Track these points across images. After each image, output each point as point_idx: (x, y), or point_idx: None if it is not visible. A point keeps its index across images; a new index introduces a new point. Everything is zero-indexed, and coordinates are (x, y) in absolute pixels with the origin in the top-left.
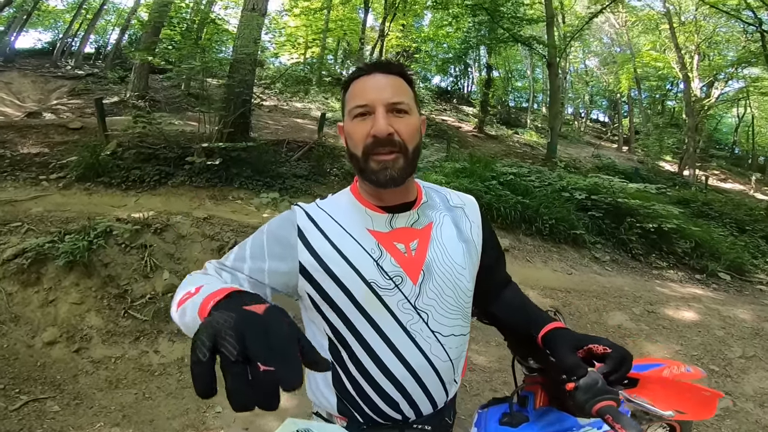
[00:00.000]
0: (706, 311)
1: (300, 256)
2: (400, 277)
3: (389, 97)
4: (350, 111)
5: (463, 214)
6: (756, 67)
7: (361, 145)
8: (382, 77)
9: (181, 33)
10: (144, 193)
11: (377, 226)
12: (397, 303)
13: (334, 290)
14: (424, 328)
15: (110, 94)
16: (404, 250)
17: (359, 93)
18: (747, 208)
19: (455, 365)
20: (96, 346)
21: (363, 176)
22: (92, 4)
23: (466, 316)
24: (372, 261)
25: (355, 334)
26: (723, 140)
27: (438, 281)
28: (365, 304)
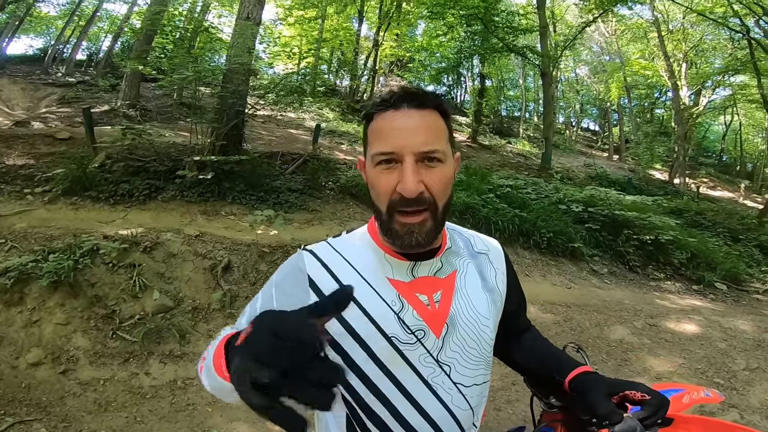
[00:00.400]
0: (707, 323)
1: None
2: (422, 331)
3: (421, 145)
4: (373, 157)
5: (487, 261)
6: (743, 75)
7: (386, 199)
8: (415, 114)
9: (174, 41)
10: (133, 208)
11: (398, 274)
12: (419, 357)
13: (350, 345)
14: (446, 381)
15: (101, 102)
16: (427, 302)
17: (385, 135)
18: (739, 217)
19: (475, 412)
20: (83, 368)
21: (385, 234)
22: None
23: (488, 364)
24: (393, 314)
25: (372, 388)
26: (711, 148)
27: (462, 334)
28: (385, 360)
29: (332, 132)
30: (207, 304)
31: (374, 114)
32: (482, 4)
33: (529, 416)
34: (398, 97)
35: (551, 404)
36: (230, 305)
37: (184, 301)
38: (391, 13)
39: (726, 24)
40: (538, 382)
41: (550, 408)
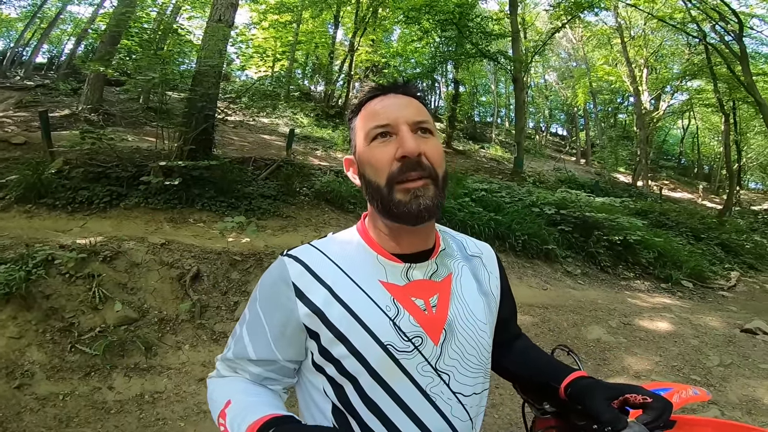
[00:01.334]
0: (678, 321)
1: (303, 319)
2: (420, 338)
3: (414, 116)
4: (368, 134)
5: (481, 264)
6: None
7: (386, 171)
8: (402, 97)
9: (140, 43)
10: (92, 216)
11: (392, 277)
12: (417, 366)
13: (342, 354)
14: (445, 390)
15: (61, 106)
16: (423, 307)
17: (378, 112)
18: (700, 217)
19: (474, 422)
20: (40, 383)
21: (387, 212)
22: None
23: (487, 372)
24: (388, 320)
25: (367, 401)
26: (671, 151)
27: (460, 340)
28: (380, 370)
29: (307, 138)
30: (175, 315)
31: (363, 105)
32: (457, 10)
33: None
34: (387, 87)
35: (544, 410)
36: (200, 315)
37: (149, 312)
38: (367, 18)
39: (684, 29)
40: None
41: (543, 414)
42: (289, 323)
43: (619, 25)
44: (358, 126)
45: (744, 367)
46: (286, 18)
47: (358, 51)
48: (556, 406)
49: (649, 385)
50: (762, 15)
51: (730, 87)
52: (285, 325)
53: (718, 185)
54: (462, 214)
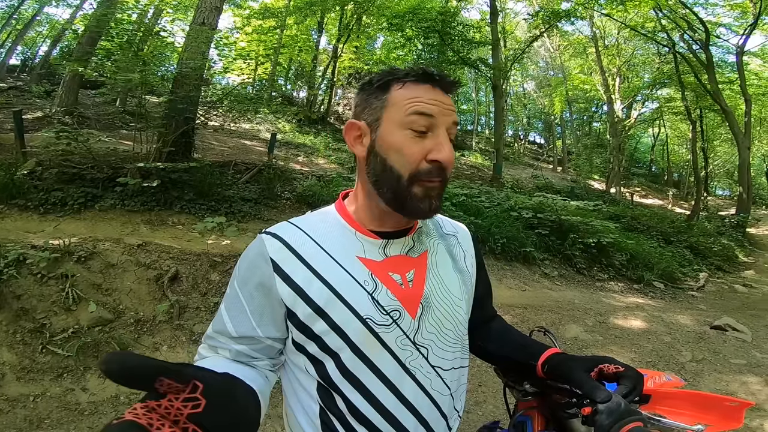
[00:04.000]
0: (651, 319)
1: (281, 293)
2: (398, 311)
3: (452, 122)
4: (406, 118)
5: (456, 243)
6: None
7: (414, 166)
8: (443, 94)
9: (120, 45)
10: (66, 218)
11: (369, 253)
12: (396, 339)
13: (323, 330)
14: (424, 364)
15: (33, 108)
16: (400, 282)
17: (424, 101)
18: (669, 221)
19: (455, 397)
20: (10, 384)
21: (395, 202)
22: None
23: (465, 348)
24: (366, 294)
25: (348, 376)
26: (642, 159)
27: (437, 314)
28: (361, 344)
29: (288, 143)
30: (152, 316)
31: (406, 82)
32: (440, 17)
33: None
34: (440, 76)
35: (525, 392)
36: (179, 317)
37: (125, 313)
38: (351, 25)
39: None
40: (510, 369)
41: (524, 396)
42: (268, 299)
43: (594, 35)
44: (394, 102)
45: (716, 363)
46: (270, 23)
47: (341, 57)
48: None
49: None
50: (728, 24)
51: (697, 95)
52: (264, 302)
53: (687, 192)
54: None
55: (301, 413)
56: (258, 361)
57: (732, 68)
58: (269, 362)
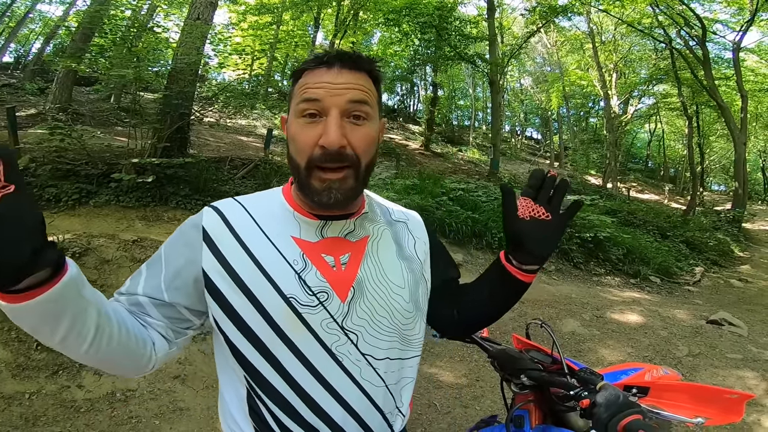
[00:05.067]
0: (647, 313)
1: (204, 262)
2: (325, 293)
3: (348, 101)
4: (297, 106)
5: (405, 230)
6: (665, 84)
7: (307, 154)
8: (347, 73)
9: (114, 41)
10: (60, 214)
11: (305, 234)
12: (321, 322)
13: (244, 306)
14: (352, 350)
15: (27, 105)
16: (333, 264)
17: (313, 87)
18: (665, 216)
19: (393, 392)
20: (5, 381)
21: (302, 191)
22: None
23: (405, 339)
24: (294, 273)
25: (269, 358)
26: (638, 154)
27: (370, 300)
28: (282, 323)
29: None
30: None
31: (305, 70)
32: (437, 12)
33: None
34: (333, 56)
35: (523, 385)
36: None
37: None
38: (347, 21)
39: (651, 34)
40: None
41: (521, 390)
42: (187, 267)
43: (591, 31)
44: (295, 93)
45: (712, 357)
46: (266, 19)
47: None
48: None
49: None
50: (725, 20)
51: (693, 91)
52: (182, 268)
53: (683, 187)
54: (440, 213)
55: (230, 396)
56: (152, 319)
57: (728, 64)
58: (165, 326)
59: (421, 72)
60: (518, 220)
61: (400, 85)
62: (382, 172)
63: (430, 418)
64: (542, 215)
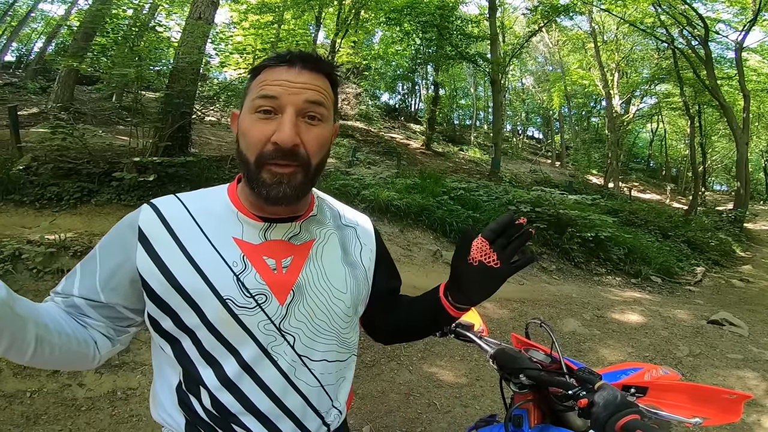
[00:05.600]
0: (648, 313)
1: (138, 262)
2: (264, 295)
3: (305, 100)
4: (253, 102)
5: (354, 235)
6: (667, 84)
7: (258, 149)
8: (306, 73)
9: (116, 40)
10: (62, 213)
11: (247, 235)
12: (258, 323)
13: (179, 304)
14: (288, 351)
15: (29, 105)
16: (274, 267)
17: (270, 84)
18: (667, 216)
19: (329, 391)
20: (7, 380)
21: (251, 186)
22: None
23: (343, 342)
24: (232, 275)
25: (206, 356)
26: (640, 154)
27: (309, 303)
28: (217, 324)
29: None
30: None
31: (265, 67)
32: (438, 12)
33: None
34: (295, 55)
35: (522, 384)
36: None
37: None
38: (349, 20)
39: (653, 34)
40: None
41: (520, 389)
42: (122, 267)
43: (593, 30)
44: (251, 88)
45: (712, 357)
46: (268, 18)
47: (339, 52)
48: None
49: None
50: (728, 20)
51: (695, 91)
52: (117, 268)
53: (684, 187)
54: (440, 212)
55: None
56: (91, 320)
57: (731, 64)
58: (105, 325)
59: (423, 71)
60: (465, 263)
61: (402, 84)
62: (383, 171)
63: (429, 417)
64: (492, 262)
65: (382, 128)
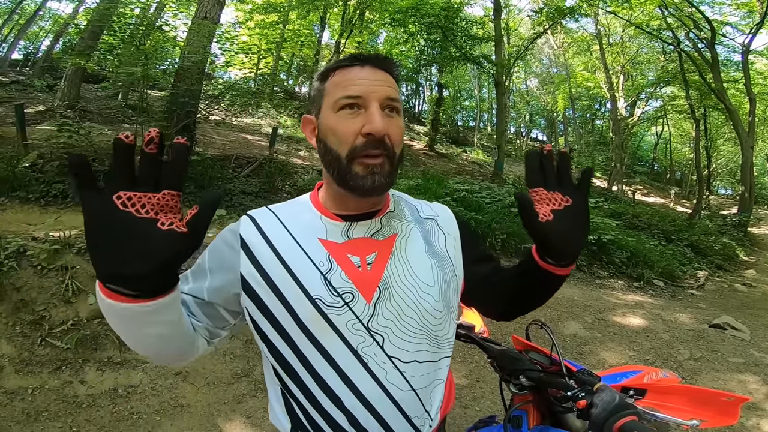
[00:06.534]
0: (650, 316)
1: (242, 267)
2: (350, 294)
3: (387, 93)
4: (337, 101)
5: (435, 226)
6: (673, 86)
7: (349, 144)
8: (378, 72)
9: (122, 39)
10: (67, 210)
11: (331, 235)
12: (347, 323)
13: (276, 307)
14: (378, 352)
15: (35, 102)
16: (359, 264)
17: (350, 83)
18: (671, 219)
19: (422, 396)
20: (8, 376)
21: (342, 182)
22: (26, 9)
23: (434, 340)
24: (319, 275)
25: (300, 357)
26: (644, 157)
27: (397, 300)
28: (309, 324)
29: (290, 138)
30: None
31: (337, 69)
32: (443, 13)
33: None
34: (367, 56)
35: (521, 386)
36: None
37: None
38: (354, 20)
39: (660, 36)
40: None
41: (520, 390)
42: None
43: (599, 32)
44: (328, 90)
45: (714, 361)
46: (273, 18)
47: (343, 53)
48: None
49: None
50: (734, 23)
51: (701, 94)
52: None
53: (689, 190)
54: None
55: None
56: (195, 320)
57: (737, 67)
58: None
59: (427, 72)
60: (541, 224)
61: (406, 85)
62: None
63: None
64: (562, 202)
65: None
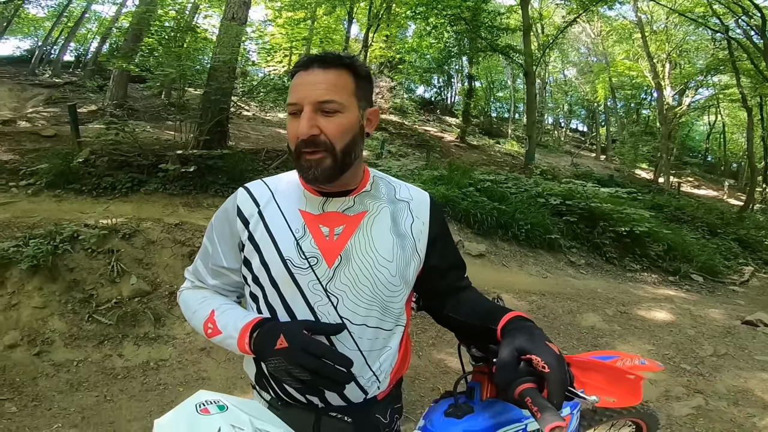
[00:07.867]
0: (678, 311)
1: (239, 230)
2: (315, 258)
3: (318, 97)
4: (287, 107)
5: (406, 209)
6: (725, 74)
7: (294, 144)
8: (320, 73)
9: (160, 41)
10: (115, 200)
11: (309, 207)
12: (308, 283)
13: (257, 265)
14: (331, 311)
15: (88, 102)
16: (327, 234)
17: (293, 89)
18: (719, 212)
19: (368, 358)
20: (58, 350)
21: (297, 170)
22: (73, 12)
23: (386, 309)
24: (294, 240)
25: (269, 307)
26: (696, 147)
27: (354, 269)
28: (279, 280)
29: None
30: None
31: (294, 74)
32: (464, 5)
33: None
34: (311, 59)
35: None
36: None
37: (161, 285)
38: (380, 14)
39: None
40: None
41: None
42: (231, 236)
43: (640, 20)
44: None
45: (739, 359)
46: (300, 15)
47: (372, 47)
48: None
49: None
50: None
51: (754, 82)
52: (228, 237)
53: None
54: (465, 203)
55: None
56: (230, 294)
57: None
58: (235, 295)
59: (458, 63)
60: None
61: (437, 77)
62: (411, 163)
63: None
64: (540, 366)
65: (416, 121)
